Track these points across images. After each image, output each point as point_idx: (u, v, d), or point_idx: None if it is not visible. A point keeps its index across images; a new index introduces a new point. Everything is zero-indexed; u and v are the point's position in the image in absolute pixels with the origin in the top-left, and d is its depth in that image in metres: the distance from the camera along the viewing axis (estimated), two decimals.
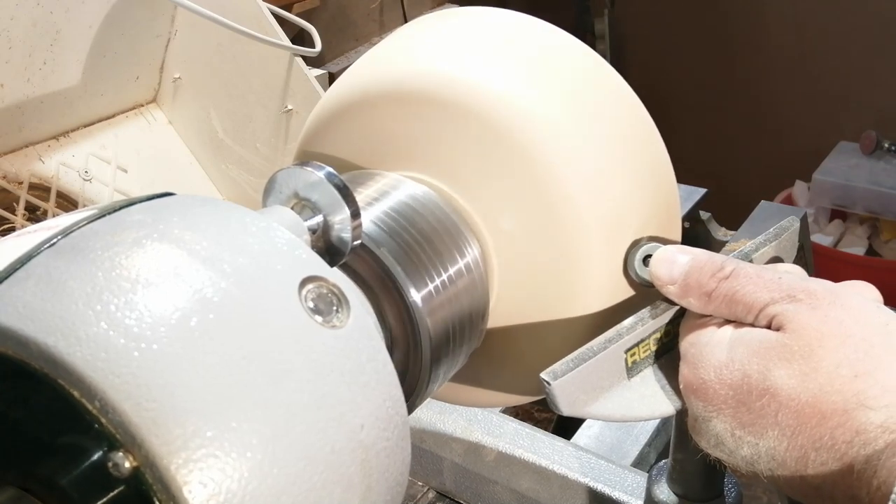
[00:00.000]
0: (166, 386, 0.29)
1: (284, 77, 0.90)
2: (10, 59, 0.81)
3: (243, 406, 0.30)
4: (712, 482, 0.52)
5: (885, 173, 1.85)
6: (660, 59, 2.27)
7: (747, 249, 0.46)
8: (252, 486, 0.29)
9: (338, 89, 0.52)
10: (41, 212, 0.85)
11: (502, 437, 0.66)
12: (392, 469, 0.35)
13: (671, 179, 0.52)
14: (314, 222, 0.41)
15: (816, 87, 2.09)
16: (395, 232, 0.45)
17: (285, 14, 0.94)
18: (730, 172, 2.08)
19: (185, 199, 0.37)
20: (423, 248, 0.46)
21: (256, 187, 0.98)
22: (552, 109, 0.47)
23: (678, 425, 0.50)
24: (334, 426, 0.32)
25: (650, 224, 0.49)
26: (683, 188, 0.65)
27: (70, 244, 0.32)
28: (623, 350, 0.44)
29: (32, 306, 0.30)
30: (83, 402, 0.28)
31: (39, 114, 0.87)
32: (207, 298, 0.31)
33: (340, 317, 0.35)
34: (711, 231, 0.85)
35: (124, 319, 0.30)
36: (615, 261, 0.47)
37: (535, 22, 0.52)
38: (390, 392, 0.35)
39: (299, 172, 0.41)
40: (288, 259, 0.35)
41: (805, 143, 2.06)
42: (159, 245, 0.32)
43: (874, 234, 1.88)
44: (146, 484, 0.28)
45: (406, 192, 0.48)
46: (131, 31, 0.92)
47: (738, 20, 2.16)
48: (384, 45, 0.54)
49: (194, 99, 0.98)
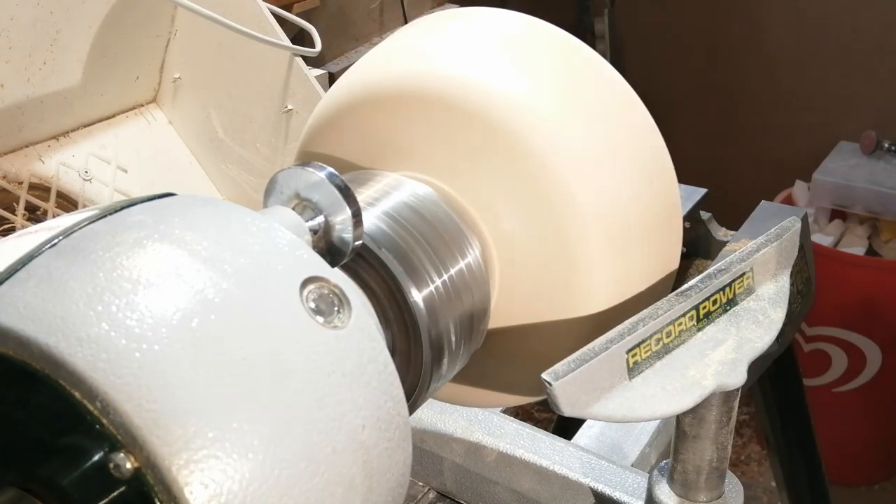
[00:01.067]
0: (167, 387, 0.29)
1: (284, 77, 0.90)
2: (10, 59, 0.81)
3: (244, 407, 0.30)
4: (713, 483, 0.52)
5: (885, 173, 1.85)
6: (660, 59, 2.27)
7: (748, 250, 0.46)
8: (253, 486, 0.29)
9: (338, 89, 0.52)
10: (41, 212, 0.85)
11: (503, 437, 0.66)
12: (393, 469, 0.35)
13: (672, 179, 0.52)
14: (315, 223, 0.41)
15: (816, 87, 2.09)
16: (396, 232, 0.45)
17: (285, 14, 0.94)
18: (730, 172, 2.08)
19: (186, 200, 0.37)
20: (424, 248, 0.46)
21: (256, 187, 0.98)
22: (553, 109, 0.47)
23: (679, 426, 0.50)
24: (336, 427, 0.32)
25: (651, 224, 0.49)
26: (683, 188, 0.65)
27: (71, 245, 0.32)
28: (624, 350, 0.44)
29: (33, 307, 0.30)
30: (84, 402, 0.28)
31: (39, 114, 0.87)
32: (209, 299, 0.31)
33: (342, 317, 0.35)
34: (711, 231, 0.85)
35: (125, 320, 0.30)
36: (616, 261, 0.47)
37: (536, 22, 0.52)
38: (391, 392, 0.35)
39: (300, 173, 0.41)
40: (289, 259, 0.35)
41: (805, 143, 2.06)
42: (160, 245, 0.32)
43: (874, 234, 1.88)
44: (147, 485, 0.28)
45: (407, 193, 0.48)
46: (131, 31, 0.92)
47: (738, 20, 2.16)
48: (385, 46, 0.54)
49: (194, 99, 0.98)
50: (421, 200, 0.48)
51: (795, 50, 2.10)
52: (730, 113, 2.24)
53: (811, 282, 0.77)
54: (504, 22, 0.52)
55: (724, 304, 0.56)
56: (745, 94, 2.21)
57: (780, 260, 0.48)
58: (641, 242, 0.49)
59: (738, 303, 0.54)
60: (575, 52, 0.51)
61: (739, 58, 2.19)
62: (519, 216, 0.47)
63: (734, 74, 2.21)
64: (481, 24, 0.52)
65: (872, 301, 1.77)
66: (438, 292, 0.45)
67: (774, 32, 2.12)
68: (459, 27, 0.52)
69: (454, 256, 0.47)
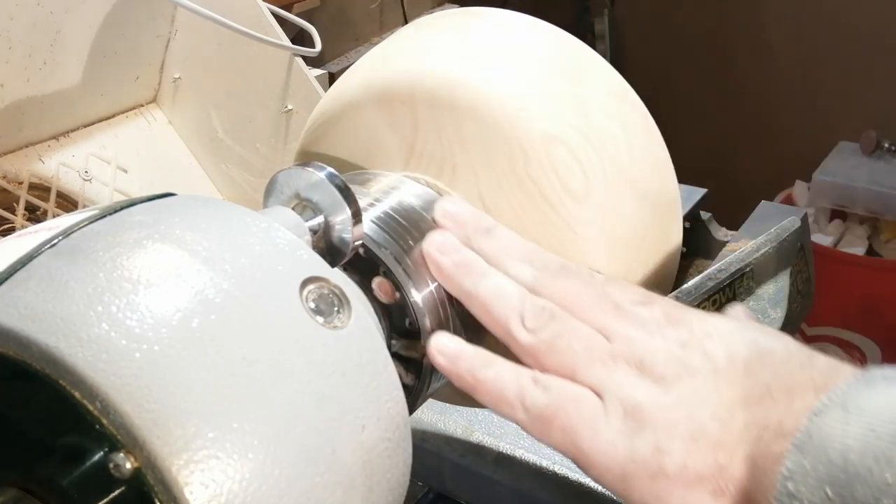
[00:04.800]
0: (168, 387, 0.29)
1: (284, 77, 0.90)
2: (10, 59, 0.81)
3: (245, 407, 0.30)
4: None
5: (885, 173, 1.85)
6: (660, 59, 2.27)
7: (748, 250, 0.46)
8: (253, 487, 0.29)
9: (338, 90, 0.52)
10: (41, 212, 0.85)
11: (503, 437, 0.65)
12: (394, 470, 0.35)
13: (672, 179, 0.52)
14: (315, 223, 0.41)
15: (816, 87, 2.09)
16: (397, 232, 0.45)
17: (285, 14, 0.94)
18: (730, 172, 2.08)
19: (186, 200, 0.37)
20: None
21: (256, 187, 0.98)
22: (554, 110, 0.47)
23: None
24: (336, 427, 0.32)
25: (651, 224, 0.49)
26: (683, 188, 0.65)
27: (71, 245, 0.32)
28: None
29: (34, 307, 0.30)
30: (84, 403, 0.28)
31: (39, 114, 0.87)
32: (209, 299, 0.31)
33: (342, 317, 0.35)
34: (712, 231, 0.84)
35: (126, 320, 0.30)
36: (616, 261, 0.47)
37: (536, 22, 0.52)
38: (391, 393, 0.35)
39: (300, 173, 0.41)
40: (289, 260, 0.35)
41: (805, 143, 2.06)
42: (160, 246, 0.32)
43: (874, 234, 1.88)
44: (147, 485, 0.28)
45: (407, 193, 0.48)
46: (131, 31, 0.92)
47: (739, 20, 2.16)
48: (385, 46, 0.54)
49: (194, 99, 0.98)
50: (421, 201, 0.48)
51: (796, 50, 2.10)
52: (730, 113, 2.24)
53: (811, 282, 0.77)
54: (504, 22, 0.52)
55: (724, 304, 0.56)
56: (746, 94, 2.21)
57: (780, 260, 0.48)
58: (641, 242, 0.49)
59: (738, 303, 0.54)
60: (575, 53, 0.51)
61: (739, 58, 2.19)
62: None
63: (734, 74, 2.21)
64: (481, 25, 0.52)
65: (872, 301, 1.77)
66: (439, 292, 0.45)
67: (775, 32, 2.12)
68: (459, 27, 0.52)
69: None
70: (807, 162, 1.94)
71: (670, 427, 0.36)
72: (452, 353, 0.41)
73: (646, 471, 0.36)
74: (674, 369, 0.37)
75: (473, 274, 0.43)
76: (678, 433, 0.36)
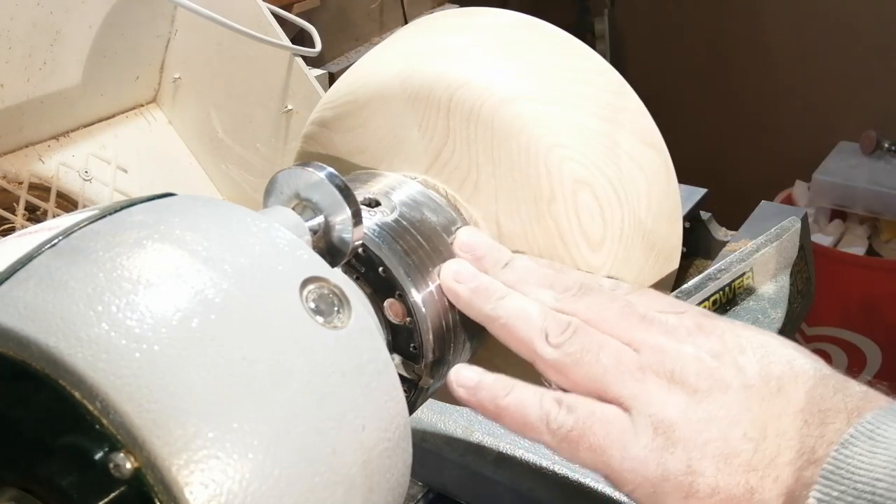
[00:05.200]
0: (168, 387, 0.29)
1: (284, 77, 0.90)
2: (10, 59, 0.81)
3: (245, 407, 0.30)
4: None
5: (885, 173, 1.85)
6: (660, 59, 2.27)
7: (748, 250, 0.46)
8: (253, 487, 0.29)
9: (339, 89, 0.52)
10: (41, 212, 0.85)
11: (503, 437, 0.65)
12: (394, 470, 0.35)
13: (672, 179, 0.52)
14: (315, 223, 0.41)
15: (816, 87, 2.09)
16: (397, 232, 0.45)
17: (285, 14, 0.94)
18: (730, 172, 2.08)
19: (187, 200, 0.37)
20: (425, 248, 0.46)
21: (257, 187, 0.98)
22: (554, 110, 0.47)
23: None
24: (336, 427, 0.32)
25: (651, 223, 0.49)
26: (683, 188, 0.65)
27: (71, 245, 0.32)
28: None
29: (33, 307, 0.30)
30: (84, 402, 0.28)
31: (39, 114, 0.87)
32: (209, 299, 0.31)
33: (342, 317, 0.35)
34: (712, 231, 0.85)
35: (126, 320, 0.30)
36: (616, 261, 0.47)
37: (536, 22, 0.52)
38: (391, 393, 0.35)
39: (300, 173, 0.41)
40: (289, 260, 0.35)
41: (805, 143, 2.06)
42: (160, 246, 0.32)
43: (874, 234, 1.88)
44: (147, 485, 0.28)
45: (407, 193, 0.48)
46: (131, 31, 0.92)
47: (738, 20, 2.16)
48: (385, 46, 0.54)
49: (194, 99, 0.98)
50: (421, 201, 0.48)
51: (795, 50, 2.10)
52: (730, 113, 2.24)
53: (811, 282, 0.77)
54: (504, 22, 0.52)
55: (724, 304, 0.56)
56: (746, 94, 2.21)
57: (780, 260, 0.48)
58: (641, 242, 0.49)
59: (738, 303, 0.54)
60: (575, 53, 0.51)
61: (739, 57, 2.19)
62: (520, 217, 0.47)
63: (734, 74, 2.21)
64: (481, 25, 0.52)
65: (872, 301, 1.77)
66: (439, 292, 0.45)
67: (775, 32, 2.12)
68: (459, 27, 0.52)
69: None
70: (807, 162, 1.94)
71: (702, 446, 0.36)
72: (472, 384, 0.41)
73: (678, 491, 0.35)
74: (706, 382, 0.37)
75: (492, 298, 0.42)
76: (709, 452, 0.35)
